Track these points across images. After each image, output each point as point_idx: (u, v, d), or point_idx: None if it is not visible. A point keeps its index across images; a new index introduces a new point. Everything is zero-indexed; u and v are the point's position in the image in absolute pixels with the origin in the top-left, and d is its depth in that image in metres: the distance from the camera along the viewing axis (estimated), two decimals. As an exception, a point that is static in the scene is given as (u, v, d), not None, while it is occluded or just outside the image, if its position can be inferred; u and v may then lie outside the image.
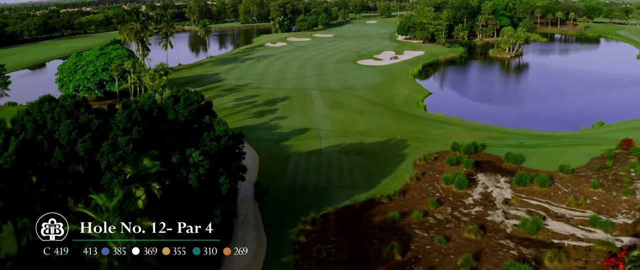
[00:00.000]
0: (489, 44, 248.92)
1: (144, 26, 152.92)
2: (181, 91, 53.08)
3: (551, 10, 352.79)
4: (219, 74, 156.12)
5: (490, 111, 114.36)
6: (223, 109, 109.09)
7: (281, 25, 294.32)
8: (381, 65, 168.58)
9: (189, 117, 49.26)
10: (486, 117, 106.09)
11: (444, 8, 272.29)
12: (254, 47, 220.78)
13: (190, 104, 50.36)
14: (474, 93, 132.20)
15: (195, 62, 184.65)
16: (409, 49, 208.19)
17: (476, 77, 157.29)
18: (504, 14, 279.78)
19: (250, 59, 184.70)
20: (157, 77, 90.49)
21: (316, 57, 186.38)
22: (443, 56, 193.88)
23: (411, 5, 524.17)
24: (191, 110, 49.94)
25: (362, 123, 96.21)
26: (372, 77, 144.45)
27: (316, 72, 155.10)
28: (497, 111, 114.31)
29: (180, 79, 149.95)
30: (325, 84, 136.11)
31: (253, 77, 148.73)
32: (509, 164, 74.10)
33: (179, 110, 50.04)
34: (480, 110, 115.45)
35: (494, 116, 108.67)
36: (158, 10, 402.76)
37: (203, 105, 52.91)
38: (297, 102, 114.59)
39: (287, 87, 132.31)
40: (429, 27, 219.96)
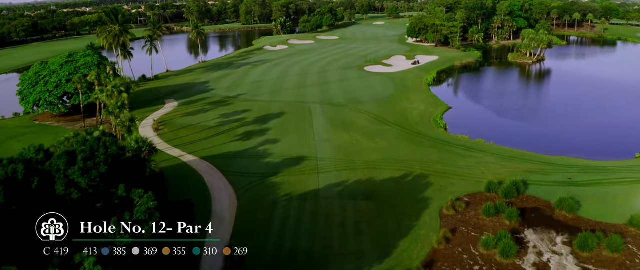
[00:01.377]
0: (506, 47, 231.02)
1: (124, 29, 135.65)
2: (89, 142, 34.85)
3: (568, 12, 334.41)
4: (209, 82, 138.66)
5: (522, 132, 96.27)
6: (205, 129, 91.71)
7: (283, 26, 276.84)
8: (391, 72, 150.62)
9: (90, 188, 31.45)
10: (519, 140, 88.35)
11: (457, 9, 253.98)
12: (251, 51, 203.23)
13: (95, 165, 32.35)
14: (500, 107, 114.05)
15: (186, 68, 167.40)
16: (420, 53, 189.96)
17: (499, 86, 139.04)
18: (520, 15, 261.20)
19: (246, 65, 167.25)
20: (116, 94, 72.86)
21: (319, 62, 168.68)
22: (459, 61, 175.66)
23: (420, 5, 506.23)
24: (94, 177, 31.95)
25: (371, 150, 78.40)
26: (382, 88, 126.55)
27: (318, 80, 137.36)
28: (530, 131, 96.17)
29: (164, 88, 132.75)
30: (328, 95, 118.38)
31: (246, 86, 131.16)
32: (563, 214, 56.63)
33: (75, 177, 32.01)
34: (510, 130, 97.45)
35: (528, 138, 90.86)
36: (156, 11, 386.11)
37: (125, 159, 35.03)
38: (294, 119, 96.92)
39: (284, 100, 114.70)
40: (443, 30, 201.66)
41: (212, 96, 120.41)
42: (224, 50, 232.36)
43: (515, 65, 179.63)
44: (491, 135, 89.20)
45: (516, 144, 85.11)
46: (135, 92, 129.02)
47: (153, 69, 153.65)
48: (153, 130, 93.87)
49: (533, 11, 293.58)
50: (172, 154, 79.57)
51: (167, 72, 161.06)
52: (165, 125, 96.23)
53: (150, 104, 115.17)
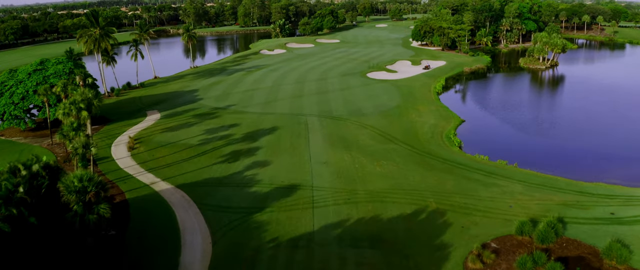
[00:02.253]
0: (515, 51, 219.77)
1: (106, 33, 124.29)
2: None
3: (577, 14, 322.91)
4: (198, 90, 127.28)
5: (546, 150, 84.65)
6: (186, 148, 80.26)
7: (282, 29, 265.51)
8: (396, 79, 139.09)
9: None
10: (545, 161, 77.07)
11: (464, 11, 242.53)
12: (247, 55, 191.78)
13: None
14: (518, 121, 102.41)
15: (175, 74, 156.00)
16: (426, 57, 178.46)
17: (514, 95, 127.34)
18: (529, 18, 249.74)
19: (240, 70, 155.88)
20: (74, 112, 61.27)
21: (318, 68, 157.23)
22: (468, 67, 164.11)
23: (423, 7, 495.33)
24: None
25: (376, 176, 66.82)
26: (387, 97, 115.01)
27: (317, 88, 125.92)
28: (556, 150, 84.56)
29: (148, 97, 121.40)
30: (327, 106, 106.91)
31: (238, 95, 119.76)
32: (614, 265, 45.28)
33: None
34: (532, 148, 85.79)
35: (555, 159, 79.40)
36: (152, 13, 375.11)
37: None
38: (288, 136, 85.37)
39: (278, 112, 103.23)
40: (450, 33, 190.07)
41: (199, 107, 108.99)
42: (219, 54, 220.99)
43: (527, 70, 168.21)
44: (512, 155, 77.90)
45: (542, 167, 73.63)
46: (117, 102, 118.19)
47: (138, 76, 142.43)
48: (127, 149, 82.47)
49: (542, 13, 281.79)
50: (144, 180, 68.12)
51: (154, 78, 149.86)
52: (142, 142, 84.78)
53: (130, 116, 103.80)
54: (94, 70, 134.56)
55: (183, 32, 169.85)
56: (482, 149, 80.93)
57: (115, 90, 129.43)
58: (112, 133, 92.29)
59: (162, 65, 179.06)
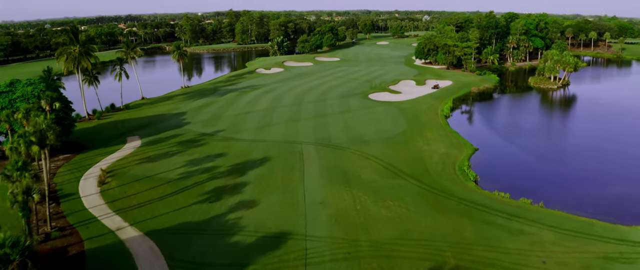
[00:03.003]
0: (523, 69, 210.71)
1: (86, 51, 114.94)
2: None
3: (583, 31, 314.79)
4: (186, 113, 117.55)
5: (573, 185, 74.65)
6: (163, 183, 70.18)
7: (280, 46, 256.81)
8: (400, 100, 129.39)
9: None
10: (574, 199, 67.36)
11: (468, 28, 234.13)
12: (242, 74, 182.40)
13: None
14: (536, 148, 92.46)
15: (164, 95, 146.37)
16: (431, 76, 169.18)
17: (528, 118, 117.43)
18: (536, 35, 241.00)
19: (233, 91, 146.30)
20: (23, 147, 50.98)
21: (317, 88, 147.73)
22: (475, 87, 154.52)
23: (425, 24, 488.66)
24: None
25: (382, 221, 56.67)
26: (391, 122, 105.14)
27: (315, 111, 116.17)
28: (584, 184, 74.60)
29: (131, 121, 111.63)
30: (326, 132, 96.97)
31: (228, 119, 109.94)
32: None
33: None
34: (556, 182, 75.58)
35: (585, 195, 69.54)
36: (149, 30, 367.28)
37: None
38: (281, 169, 75.28)
39: (271, 139, 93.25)
40: (456, 50, 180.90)
41: (185, 133, 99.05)
42: (214, 73, 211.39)
43: (538, 90, 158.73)
44: (536, 192, 68.00)
45: (571, 206, 63.72)
46: (97, 126, 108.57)
47: (124, 97, 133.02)
48: (97, 184, 72.34)
49: (548, 30, 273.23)
50: (109, 224, 57.96)
51: (142, 99, 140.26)
52: (115, 176, 74.69)
53: (108, 143, 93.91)
54: (74, 90, 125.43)
55: (174, 49, 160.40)
56: (501, 184, 70.97)
57: (97, 112, 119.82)
58: (85, 163, 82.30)
59: (152, 84, 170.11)
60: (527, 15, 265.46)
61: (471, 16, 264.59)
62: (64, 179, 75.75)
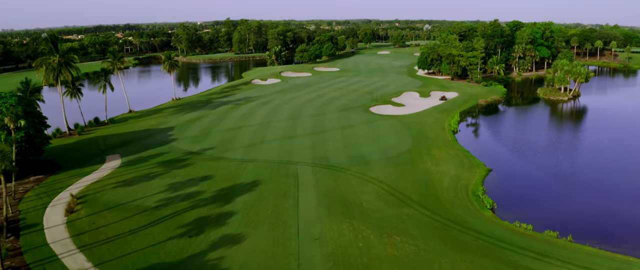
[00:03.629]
0: (529, 80, 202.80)
1: (66, 61, 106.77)
2: None
3: (589, 39, 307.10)
4: (174, 128, 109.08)
5: (604, 211, 65.99)
6: (139, 212, 61.66)
7: (278, 56, 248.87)
8: (404, 114, 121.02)
9: None
10: (607, 231, 59.17)
11: (472, 37, 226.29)
12: (237, 86, 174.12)
13: None
14: (557, 169, 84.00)
15: (153, 108, 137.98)
16: (436, 88, 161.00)
17: (542, 134, 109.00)
18: (542, 44, 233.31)
19: (226, 104, 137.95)
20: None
21: (315, 101, 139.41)
22: (482, 99, 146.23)
23: (426, 33, 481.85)
24: None
25: (388, 262, 48.10)
26: (395, 138, 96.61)
27: (312, 127, 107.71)
28: (617, 212, 65.95)
29: (114, 137, 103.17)
30: (324, 151, 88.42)
31: (218, 135, 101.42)
32: None
33: None
34: (586, 210, 67.06)
35: (619, 226, 61.09)
36: (145, 39, 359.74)
37: None
38: (272, 195, 66.64)
39: (264, 158, 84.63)
40: (461, 60, 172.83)
41: (170, 151, 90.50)
42: (208, 84, 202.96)
43: (547, 102, 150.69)
44: (562, 222, 60.01)
45: (604, 238, 56.08)
46: (77, 142, 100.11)
47: (109, 110, 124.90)
48: (64, 214, 63.64)
49: (554, 39, 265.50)
50: (71, 265, 49.37)
51: (129, 112, 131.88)
52: (86, 203, 66.09)
53: (85, 162, 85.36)
54: (55, 103, 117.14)
55: (164, 59, 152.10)
56: (522, 213, 62.55)
57: (79, 127, 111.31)
58: (56, 187, 73.75)
59: (143, 96, 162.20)
60: (533, 24, 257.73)
61: (474, 25, 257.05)
62: (30, 205, 67.21)
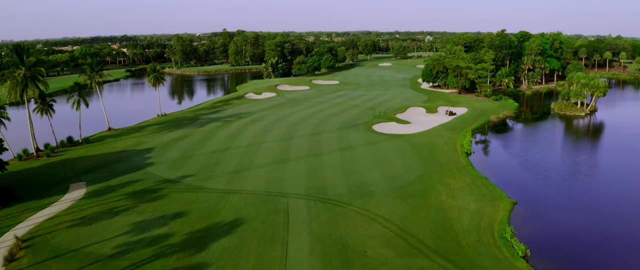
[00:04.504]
0: (540, 93, 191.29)
1: (33, 75, 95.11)
2: None
3: (598, 51, 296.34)
4: (153, 150, 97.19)
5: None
6: (91, 262, 49.82)
7: (275, 68, 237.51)
8: (411, 133, 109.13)
9: None
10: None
11: (479, 48, 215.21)
12: (229, 100, 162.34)
13: None
14: (590, 199, 72.33)
15: (135, 125, 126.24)
16: (443, 102, 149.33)
17: (565, 155, 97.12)
18: (551, 55, 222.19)
19: (215, 121, 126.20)
20: None
21: (313, 117, 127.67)
22: (494, 115, 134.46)
23: (428, 45, 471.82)
24: None
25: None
26: (402, 163, 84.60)
27: (308, 148, 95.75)
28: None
29: (85, 160, 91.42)
30: (320, 179, 76.36)
31: (201, 159, 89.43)
32: None
33: None
34: (637, 253, 54.66)
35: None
36: (138, 50, 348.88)
37: None
38: (256, 240, 54.55)
39: (249, 188, 72.60)
40: (469, 73, 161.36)
41: (143, 178, 78.51)
42: (198, 98, 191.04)
43: (563, 118, 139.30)
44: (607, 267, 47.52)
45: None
46: (43, 165, 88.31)
47: (87, 128, 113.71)
48: (3, 263, 51.73)
49: (563, 50, 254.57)
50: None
51: (108, 130, 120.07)
52: (33, 248, 54.25)
53: (46, 192, 73.62)
54: (22, 121, 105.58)
55: (149, 71, 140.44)
56: (560, 261, 50.69)
57: (48, 148, 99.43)
58: (5, 224, 61.94)
59: (126, 111, 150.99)
60: (541, 35, 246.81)
61: (479, 36, 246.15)
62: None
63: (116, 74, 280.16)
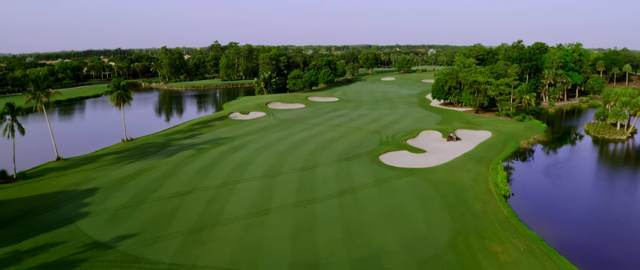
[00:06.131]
0: (564, 111, 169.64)
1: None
2: None
3: (616, 63, 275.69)
4: (98, 191, 74.76)
5: None
6: None
7: (268, 83, 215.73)
8: (429, 166, 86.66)
9: None
10: None
11: (493, 61, 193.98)
12: (209, 122, 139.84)
13: None
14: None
15: (92, 153, 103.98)
16: (460, 124, 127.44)
17: (636, 199, 74.89)
18: (572, 68, 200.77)
19: (188, 148, 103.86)
20: None
21: (306, 144, 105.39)
22: (524, 140, 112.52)
23: (431, 58, 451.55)
24: None
25: None
26: (423, 215, 62.11)
27: (297, 192, 73.23)
28: None
29: (7, 205, 68.96)
30: (311, 247, 53.95)
31: (153, 208, 66.89)
32: None
33: None
34: None
35: None
36: (124, 63, 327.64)
37: None
38: None
39: (208, 262, 50.19)
40: (488, 89, 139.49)
41: (66, 239, 56.19)
42: (177, 118, 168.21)
43: (599, 141, 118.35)
44: None
45: None
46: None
47: (29, 159, 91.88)
48: None
49: (583, 63, 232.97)
50: None
51: (56, 161, 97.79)
52: None
53: None
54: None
55: (111, 88, 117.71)
56: None
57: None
58: None
59: (88, 135, 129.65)
60: (559, 46, 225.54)
61: (491, 49, 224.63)
62: None
63: (97, 90, 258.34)
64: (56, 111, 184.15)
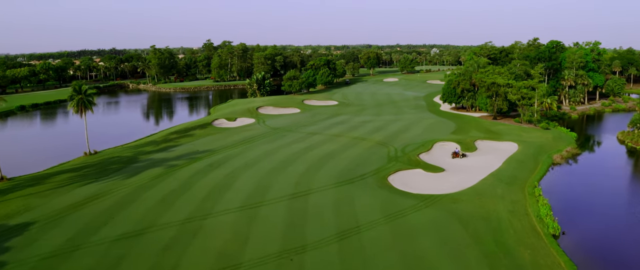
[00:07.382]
0: (586, 116, 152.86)
1: None
2: None
3: (633, 63, 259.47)
4: (31, 227, 57.67)
5: None
6: None
7: (261, 85, 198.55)
8: (451, 192, 69.36)
9: None
10: None
11: (507, 60, 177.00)
12: (188, 130, 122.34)
13: None
14: None
15: (43, 171, 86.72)
16: (478, 133, 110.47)
17: None
18: (593, 69, 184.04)
19: (156, 165, 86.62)
20: None
21: (299, 160, 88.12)
22: (556, 153, 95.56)
23: (434, 58, 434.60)
24: None
25: None
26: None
27: (283, 234, 56.06)
28: None
29: None
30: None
31: (89, 258, 49.74)
32: None
33: None
34: None
35: None
36: (112, 64, 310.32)
37: None
38: None
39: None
40: (509, 92, 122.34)
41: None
42: (155, 125, 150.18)
43: (637, 152, 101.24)
44: None
45: None
46: None
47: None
48: None
49: (601, 63, 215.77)
50: None
51: (2, 179, 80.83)
52: None
53: None
54: None
55: (72, 93, 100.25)
56: None
57: None
58: None
59: (47, 148, 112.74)
60: (575, 44, 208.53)
61: (504, 48, 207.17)
62: None
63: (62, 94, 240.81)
64: (15, 119, 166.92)
